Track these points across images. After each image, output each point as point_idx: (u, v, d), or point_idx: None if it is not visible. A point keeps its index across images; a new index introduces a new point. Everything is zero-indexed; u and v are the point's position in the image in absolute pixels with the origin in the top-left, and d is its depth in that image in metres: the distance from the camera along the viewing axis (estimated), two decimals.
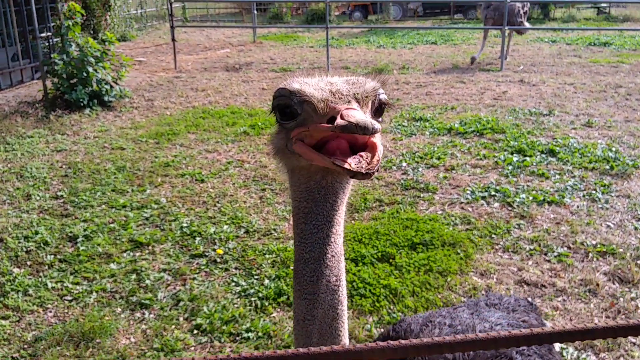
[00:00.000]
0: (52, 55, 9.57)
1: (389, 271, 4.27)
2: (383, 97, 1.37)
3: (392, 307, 3.89)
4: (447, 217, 5.17)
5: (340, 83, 1.32)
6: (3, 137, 7.73)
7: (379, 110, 1.37)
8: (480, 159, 6.61)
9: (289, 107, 1.30)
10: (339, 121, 1.16)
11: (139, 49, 17.10)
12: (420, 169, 6.35)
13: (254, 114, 8.89)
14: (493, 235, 4.84)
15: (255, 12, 18.95)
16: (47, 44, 11.98)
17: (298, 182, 1.38)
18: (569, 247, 4.64)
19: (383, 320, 3.74)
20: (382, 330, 2.30)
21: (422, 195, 5.69)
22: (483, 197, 5.57)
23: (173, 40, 13.52)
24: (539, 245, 4.66)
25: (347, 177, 1.31)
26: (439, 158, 6.64)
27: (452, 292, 4.04)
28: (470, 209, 5.37)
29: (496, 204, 5.44)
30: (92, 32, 16.09)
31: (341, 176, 1.33)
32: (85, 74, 9.04)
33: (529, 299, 2.78)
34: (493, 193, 5.64)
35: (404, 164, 6.50)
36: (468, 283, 4.14)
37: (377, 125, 1.12)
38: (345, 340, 1.38)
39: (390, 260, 4.42)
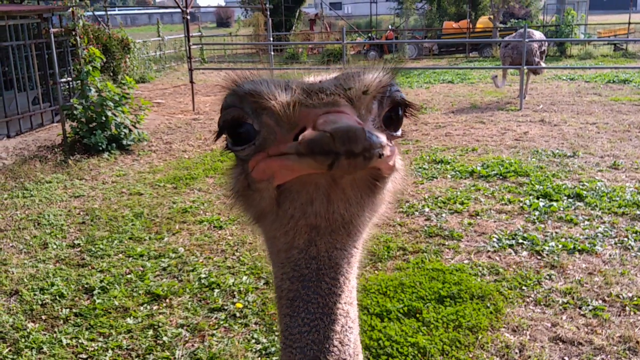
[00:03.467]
0: (71, 100, 9.63)
1: (417, 327, 4.07)
2: (399, 95, 0.93)
3: None
4: (474, 267, 4.98)
5: (327, 79, 0.92)
6: (22, 183, 7.71)
7: (393, 115, 0.93)
8: (505, 204, 6.43)
9: (242, 122, 0.90)
10: (306, 134, 0.74)
11: (158, 90, 17.28)
12: (443, 215, 6.18)
13: None
14: (523, 287, 4.63)
15: (272, 52, 19.13)
16: (67, 87, 12.12)
17: (276, 249, 0.93)
18: (604, 300, 4.42)
19: None
20: None
21: (447, 243, 5.52)
22: (510, 245, 5.38)
23: (191, 82, 13.64)
24: (572, 298, 4.45)
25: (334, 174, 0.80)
26: (462, 203, 6.47)
27: (484, 350, 3.84)
28: (497, 258, 5.18)
29: (524, 253, 5.25)
30: (111, 74, 16.33)
31: (343, 236, 0.89)
32: (104, 118, 9.08)
33: None
34: (520, 241, 5.45)
35: (427, 210, 6.34)
36: (500, 340, 3.93)
37: (380, 138, 0.72)
38: None
39: (417, 315, 4.23)
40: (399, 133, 0.95)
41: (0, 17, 10.50)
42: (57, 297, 4.67)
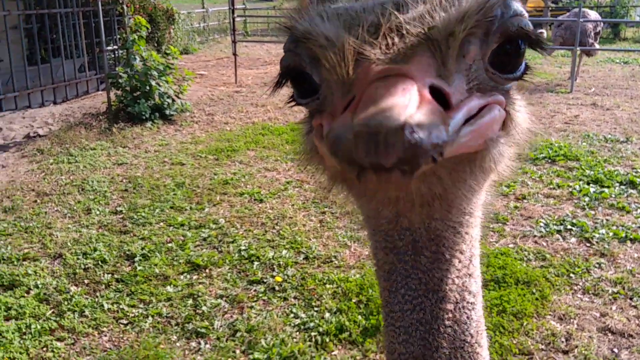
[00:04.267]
0: (117, 68, 9.70)
1: None
2: (514, 23, 0.69)
3: None
4: (520, 252, 4.83)
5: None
6: (67, 149, 7.82)
7: (509, 49, 0.70)
8: (554, 188, 6.21)
9: (302, 72, 0.74)
10: (336, 121, 0.58)
11: (201, 62, 17.31)
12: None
13: None
14: (571, 275, 4.47)
15: None
16: (112, 56, 12.23)
17: (363, 213, 0.81)
18: None
19: None
20: None
21: (492, 225, 5.37)
22: (558, 231, 5.19)
23: (234, 54, 13.59)
24: (623, 288, 4.27)
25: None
26: (508, 186, 6.28)
27: (529, 337, 3.72)
28: (544, 244, 5.01)
29: (573, 239, 5.06)
30: (156, 44, 16.40)
31: (438, 209, 0.73)
32: (148, 87, 9.11)
33: None
34: (569, 227, 5.26)
35: None
36: (545, 328, 3.80)
37: (439, 132, 0.53)
38: None
39: None
40: (517, 73, 0.73)
41: None
42: (100, 262, 4.72)
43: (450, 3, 0.65)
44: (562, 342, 3.66)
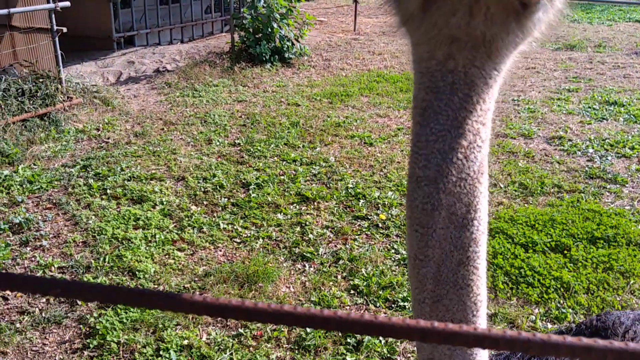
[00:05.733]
0: (241, 10, 10.03)
1: (563, 263, 3.92)
2: None
3: (561, 301, 3.58)
4: (636, 214, 4.62)
5: None
6: (192, 84, 8.30)
7: None
8: None
9: None
10: None
11: (321, 9, 17.41)
12: (609, 158, 5.75)
13: None
14: None
15: None
16: None
17: (417, 58, 0.92)
18: None
19: (551, 313, 3.45)
20: (583, 321, 1.83)
21: (608, 186, 5.15)
22: None
23: (355, 2, 13.54)
24: None
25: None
26: (632, 148, 5.96)
27: (634, 296, 3.61)
28: None
29: None
30: None
31: (482, 56, 0.86)
32: (270, 30, 9.38)
33: None
34: None
35: (591, 150, 5.93)
36: None
37: None
38: (479, 303, 0.97)
39: (565, 252, 4.06)
40: None
41: None
42: (218, 187, 5.08)
43: None
44: None
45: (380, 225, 4.49)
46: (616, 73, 9.25)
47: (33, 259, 3.98)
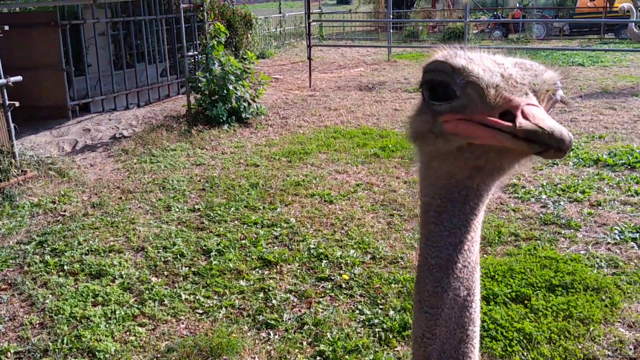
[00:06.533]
0: (196, 73, 10.15)
1: (524, 314, 3.97)
2: (560, 94, 1.10)
3: (525, 353, 3.61)
4: (591, 259, 4.74)
5: (510, 65, 1.06)
6: (150, 149, 8.28)
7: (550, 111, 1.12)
8: (632, 195, 6.03)
9: (446, 87, 1.05)
10: (522, 121, 0.93)
11: (277, 66, 17.74)
12: (561, 203, 5.92)
13: (385, 135, 8.82)
14: None
15: (391, 30, 18.96)
16: (193, 60, 12.78)
17: (435, 176, 1.14)
18: None
19: None
20: None
21: (563, 231, 5.29)
22: (634, 239, 5.06)
23: (309, 59, 13.86)
24: None
25: (530, 157, 1.05)
26: (583, 192, 6.16)
27: (595, 343, 3.67)
28: (618, 251, 4.90)
29: None
30: (233, 49, 16.95)
31: (493, 177, 1.12)
32: (225, 91, 9.49)
33: None
34: None
35: (544, 196, 6.10)
36: (613, 335, 3.74)
37: (570, 135, 0.92)
38: None
39: (525, 302, 4.12)
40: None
41: None
42: (178, 256, 5.02)
43: (532, 74, 1.06)
44: (630, 349, 3.60)
45: (343, 285, 4.49)
46: (563, 117, 9.62)
47: None
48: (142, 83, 11.75)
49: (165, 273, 4.76)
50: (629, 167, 6.89)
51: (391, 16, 20.21)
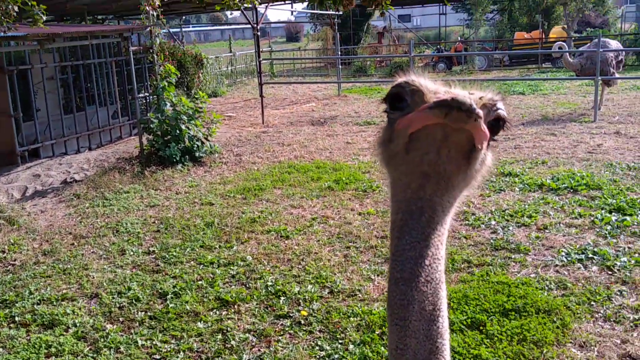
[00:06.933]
0: (148, 114, 10.12)
1: (480, 340, 4.07)
2: (502, 112, 1.22)
3: None
4: (541, 282, 4.90)
5: (453, 88, 1.23)
6: (102, 193, 8.17)
7: (494, 127, 1.23)
8: (575, 218, 6.28)
9: (400, 96, 1.22)
10: (439, 96, 1.08)
11: (229, 104, 17.82)
12: (510, 228, 6.11)
13: (339, 168, 8.95)
14: (592, 303, 4.52)
15: (340, 66, 19.34)
16: (144, 101, 12.74)
17: (396, 191, 1.27)
18: None
19: None
20: None
21: (513, 256, 5.45)
22: (580, 260, 5.26)
23: (261, 96, 14.01)
24: None
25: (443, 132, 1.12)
26: (530, 216, 6.37)
27: None
28: (566, 273, 5.08)
29: (594, 268, 5.12)
30: (185, 88, 16.99)
31: (442, 188, 1.22)
32: (178, 131, 9.48)
33: None
34: (591, 255, 5.31)
35: (493, 222, 6.28)
36: (566, 356, 3.87)
37: (479, 110, 1.02)
38: None
39: (481, 328, 4.22)
40: (495, 137, 1.23)
41: (84, 37, 11.19)
42: (134, 301, 4.94)
43: (473, 93, 1.17)
44: None
45: (302, 322, 4.50)
46: (507, 145, 9.96)
47: None
48: (93, 126, 11.64)
49: (121, 319, 4.68)
50: (572, 190, 7.18)
51: (339, 52, 20.62)
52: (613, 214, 6.27)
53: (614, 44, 13.16)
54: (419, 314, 1.18)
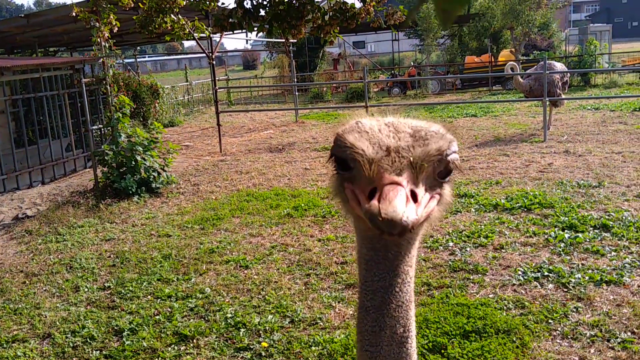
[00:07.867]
0: (102, 146, 9.95)
1: None
2: (453, 157, 1.25)
3: None
4: (500, 301, 4.96)
5: (404, 134, 1.22)
6: (55, 228, 7.95)
7: (444, 170, 1.25)
8: (530, 236, 6.40)
9: (345, 161, 1.23)
10: (371, 204, 1.07)
11: (186, 133, 17.68)
12: (468, 249, 6.18)
13: (297, 194, 8.94)
14: (550, 321, 4.59)
15: (297, 93, 19.46)
16: (99, 133, 12.53)
17: (358, 228, 1.31)
18: (633, 332, 4.36)
19: None
20: None
21: (471, 277, 5.51)
22: (536, 278, 5.35)
23: (218, 125, 13.95)
24: (600, 331, 4.39)
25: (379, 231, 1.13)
26: (486, 236, 6.47)
27: None
28: (523, 292, 5.15)
29: (550, 285, 5.21)
30: (141, 119, 16.82)
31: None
32: (133, 163, 9.34)
33: None
34: (546, 273, 5.41)
35: (451, 244, 6.35)
36: None
37: (412, 217, 1.02)
38: None
39: (442, 351, 4.23)
40: (447, 180, 1.29)
41: (34, 70, 10.98)
42: (88, 340, 4.79)
43: (422, 144, 1.21)
44: None
45: (263, 354, 4.43)
46: (462, 166, 10.09)
47: None
48: (46, 159, 11.36)
49: (75, 359, 4.52)
50: (525, 209, 7.33)
51: (295, 79, 20.78)
52: (566, 231, 6.42)
53: (559, 66, 13.62)
54: (390, 338, 1.22)
